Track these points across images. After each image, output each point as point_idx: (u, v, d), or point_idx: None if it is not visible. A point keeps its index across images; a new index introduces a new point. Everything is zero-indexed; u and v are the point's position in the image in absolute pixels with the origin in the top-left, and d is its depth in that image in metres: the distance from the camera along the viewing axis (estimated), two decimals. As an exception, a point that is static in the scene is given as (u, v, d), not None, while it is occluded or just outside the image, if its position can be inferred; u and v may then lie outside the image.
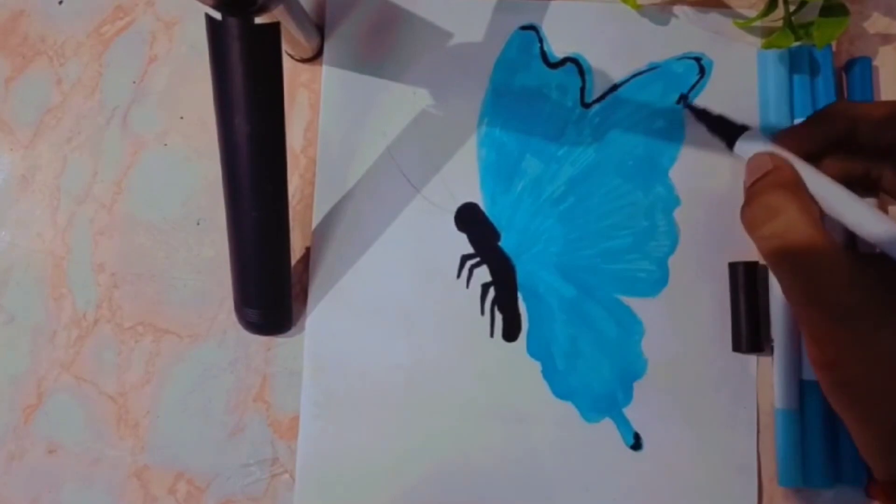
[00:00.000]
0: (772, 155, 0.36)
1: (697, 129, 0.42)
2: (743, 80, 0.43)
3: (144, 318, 0.44)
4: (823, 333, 0.32)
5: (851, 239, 0.38)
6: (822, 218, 0.34)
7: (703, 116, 0.40)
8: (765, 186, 0.35)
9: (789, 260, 0.33)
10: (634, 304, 0.42)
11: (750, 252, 0.41)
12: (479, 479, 0.42)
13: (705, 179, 0.42)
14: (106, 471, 0.44)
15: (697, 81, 0.43)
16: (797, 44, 0.41)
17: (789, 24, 0.40)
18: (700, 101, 0.43)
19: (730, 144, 0.39)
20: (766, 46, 0.41)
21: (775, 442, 0.41)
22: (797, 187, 0.34)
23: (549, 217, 0.43)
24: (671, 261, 0.42)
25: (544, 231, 0.43)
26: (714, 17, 0.43)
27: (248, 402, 0.43)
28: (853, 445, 0.33)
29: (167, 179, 0.45)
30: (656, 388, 0.42)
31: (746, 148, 0.38)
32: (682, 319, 0.42)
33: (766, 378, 0.42)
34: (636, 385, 0.42)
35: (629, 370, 0.42)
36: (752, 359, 0.41)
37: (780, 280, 0.34)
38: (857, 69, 0.42)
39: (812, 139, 0.37)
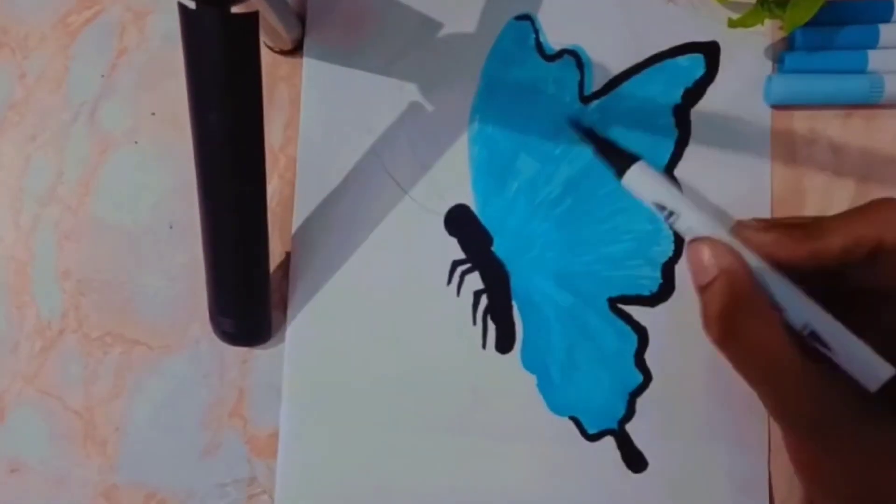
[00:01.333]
0: (713, 248, 0.33)
1: (705, 126, 0.42)
2: (752, 72, 0.42)
3: (113, 328, 0.44)
4: (796, 444, 0.33)
5: None
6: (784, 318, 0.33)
7: (590, 137, 0.38)
8: (718, 305, 0.33)
9: (755, 377, 0.33)
10: (636, 312, 0.42)
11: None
12: (471, 499, 0.41)
13: (712, 180, 0.42)
14: (72, 491, 0.43)
15: (703, 75, 0.42)
16: (766, 24, 0.41)
17: (763, 2, 0.40)
18: (707, 96, 0.42)
19: (618, 174, 0.36)
20: (733, 25, 0.40)
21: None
22: (752, 299, 0.33)
23: (545, 220, 0.42)
24: (676, 267, 0.42)
25: (540, 235, 0.42)
26: (720, 6, 0.42)
27: (223, 417, 0.43)
28: None
29: (137, 180, 0.44)
30: (660, 402, 0.41)
31: (637, 183, 0.35)
32: (687, 330, 0.41)
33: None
34: (638, 400, 0.41)
35: (630, 384, 0.41)
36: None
37: (753, 390, 0.34)
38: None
39: (795, 251, 0.34)
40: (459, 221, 0.43)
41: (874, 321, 0.33)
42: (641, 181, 0.35)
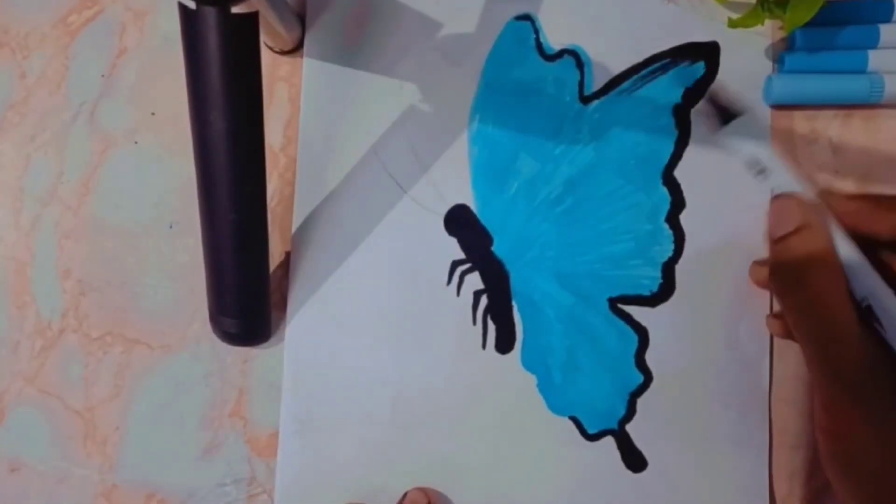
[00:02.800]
0: (799, 203, 0.35)
1: (704, 128, 0.42)
2: (752, 72, 0.42)
3: (113, 328, 0.44)
4: (837, 406, 0.33)
5: None
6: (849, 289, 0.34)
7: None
8: (794, 254, 0.35)
9: (813, 332, 0.34)
10: (637, 313, 0.42)
11: (761, 257, 0.41)
12: (470, 499, 0.42)
13: (713, 180, 0.42)
14: (72, 491, 0.44)
15: (703, 75, 0.42)
16: (766, 24, 0.41)
17: (763, 2, 0.40)
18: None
19: (721, 123, 0.38)
20: (733, 25, 0.41)
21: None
22: (828, 258, 0.34)
23: (545, 220, 0.43)
24: (676, 267, 0.42)
25: (540, 235, 0.43)
26: (720, 6, 0.43)
27: (223, 417, 0.43)
28: None
29: (138, 180, 0.45)
30: (660, 403, 0.41)
31: (737, 135, 0.38)
32: (689, 330, 0.42)
33: (780, 393, 0.41)
34: (639, 400, 0.41)
35: (631, 384, 0.42)
36: (764, 372, 0.41)
37: (802, 346, 0.35)
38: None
39: (877, 223, 0.35)
40: (459, 221, 0.43)
41: None
42: (739, 135, 0.38)
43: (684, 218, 0.42)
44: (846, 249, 0.34)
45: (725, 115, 0.38)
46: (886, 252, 0.35)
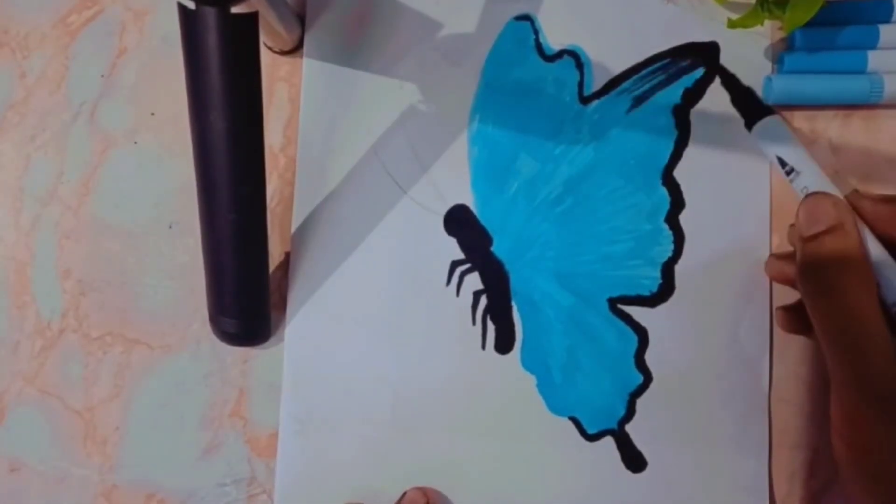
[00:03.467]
0: (834, 203, 0.35)
1: (705, 126, 0.42)
2: (752, 72, 0.42)
3: (113, 328, 0.44)
4: (861, 416, 0.33)
5: None
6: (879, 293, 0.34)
7: (731, 84, 0.41)
8: (825, 255, 0.34)
9: (842, 338, 0.33)
10: (637, 313, 0.42)
11: (761, 259, 0.41)
12: (470, 499, 0.42)
13: (713, 181, 0.42)
14: (72, 491, 0.44)
15: (704, 75, 0.42)
16: (765, 25, 0.41)
17: (762, 2, 0.40)
18: (707, 95, 0.42)
19: (748, 124, 0.39)
20: (733, 26, 0.41)
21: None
22: (860, 261, 0.34)
23: (545, 220, 0.43)
24: (676, 267, 0.42)
25: (540, 235, 0.43)
26: (720, 7, 0.43)
27: (223, 417, 0.43)
28: None
29: (137, 180, 0.45)
30: (660, 403, 0.41)
31: (765, 135, 0.38)
32: (688, 330, 0.42)
33: (780, 393, 0.41)
34: (639, 400, 0.42)
35: (631, 384, 0.42)
36: (764, 373, 0.41)
37: (827, 353, 0.34)
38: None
39: None
40: (459, 221, 0.43)
41: None
42: (771, 134, 0.38)
43: (684, 218, 0.42)
44: (877, 252, 0.34)
45: (755, 114, 0.39)
46: None
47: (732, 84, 0.41)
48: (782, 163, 0.38)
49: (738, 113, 0.41)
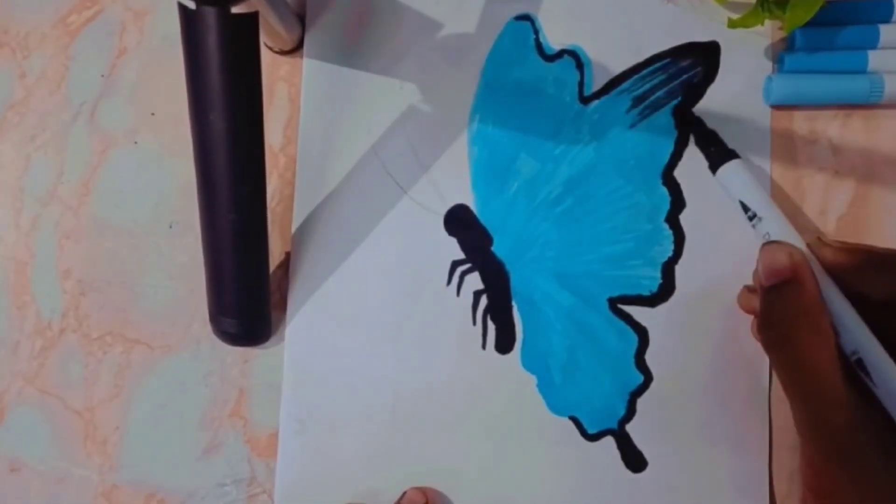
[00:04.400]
0: (791, 253, 0.35)
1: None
2: (752, 72, 0.42)
3: (113, 328, 0.44)
4: (821, 466, 0.33)
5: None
6: (837, 342, 0.34)
7: (696, 126, 0.41)
8: (782, 308, 0.34)
9: (799, 391, 0.33)
10: (637, 313, 0.42)
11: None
12: (470, 499, 0.42)
13: (713, 181, 0.42)
14: (72, 491, 0.44)
15: (703, 75, 0.42)
16: (765, 24, 0.41)
17: (763, 2, 0.40)
18: (707, 96, 0.42)
19: (712, 167, 0.39)
20: (733, 26, 0.41)
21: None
22: (816, 314, 0.33)
23: (545, 220, 0.43)
24: (676, 267, 0.42)
25: (540, 235, 0.43)
26: (720, 6, 0.43)
27: (223, 417, 0.43)
28: None
29: (138, 180, 0.45)
30: (660, 403, 0.41)
31: (729, 179, 0.38)
32: (688, 330, 0.42)
33: (780, 393, 0.41)
34: (639, 400, 0.42)
35: (631, 384, 0.42)
36: (764, 373, 0.41)
37: (790, 403, 0.34)
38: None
39: (870, 281, 0.35)
40: (459, 221, 0.43)
41: None
42: (734, 179, 0.38)
43: (684, 218, 0.42)
44: (837, 301, 0.34)
45: (719, 157, 0.39)
46: (877, 312, 0.34)
47: (697, 126, 0.41)
48: (745, 208, 0.38)
49: (703, 155, 0.41)
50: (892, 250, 0.35)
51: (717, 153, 0.40)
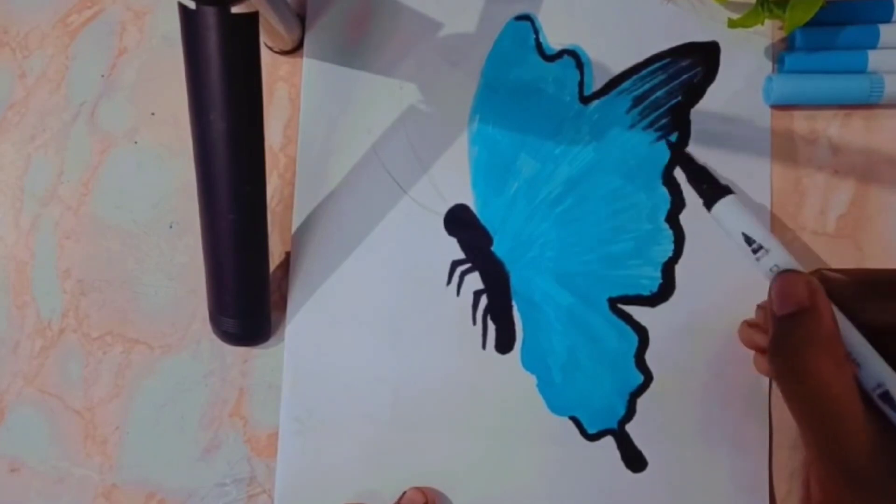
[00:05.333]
0: (807, 282, 0.34)
1: (705, 126, 0.42)
2: (752, 72, 0.42)
3: (113, 328, 0.44)
4: (836, 492, 0.32)
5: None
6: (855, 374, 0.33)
7: (685, 162, 0.40)
8: (797, 337, 0.33)
9: (816, 420, 0.33)
10: (637, 312, 0.42)
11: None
12: (470, 499, 0.42)
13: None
14: (72, 490, 0.44)
15: (703, 75, 0.42)
16: (765, 24, 0.41)
17: (763, 2, 0.40)
18: (707, 96, 0.42)
19: (707, 204, 0.38)
20: (733, 25, 0.41)
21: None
22: (834, 344, 0.33)
23: (545, 220, 0.43)
24: (676, 267, 0.42)
25: (540, 235, 0.43)
26: (720, 6, 0.43)
27: (223, 417, 0.43)
28: None
29: (138, 180, 0.45)
30: (660, 403, 0.41)
31: (726, 214, 0.37)
32: (688, 330, 0.42)
33: (780, 392, 0.41)
34: (639, 400, 0.41)
35: (631, 384, 0.42)
36: (763, 372, 0.41)
37: (802, 431, 0.34)
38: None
39: (878, 311, 0.34)
40: (459, 221, 0.43)
41: None
42: (732, 214, 0.37)
43: (684, 218, 0.42)
44: (852, 334, 0.33)
45: (712, 193, 0.38)
46: (882, 340, 0.34)
47: (687, 162, 0.40)
48: (749, 240, 0.37)
49: (695, 192, 0.40)
50: (892, 275, 0.35)
51: (711, 190, 0.38)
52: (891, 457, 0.32)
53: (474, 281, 0.43)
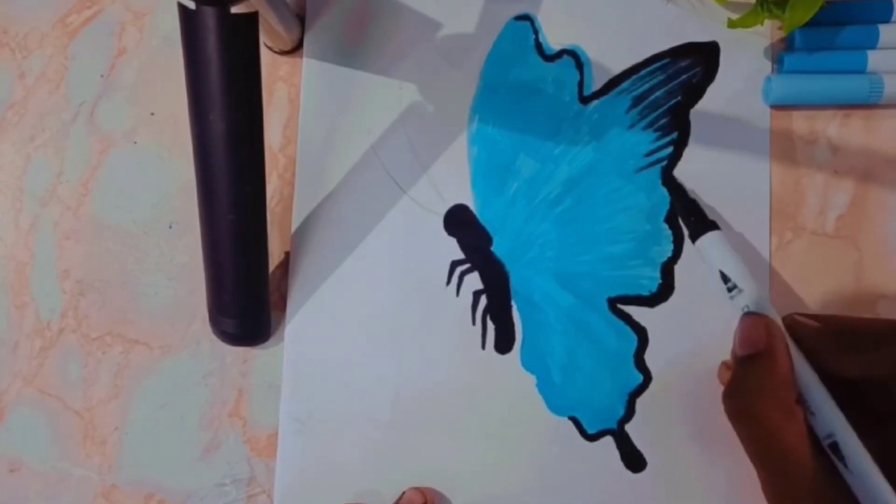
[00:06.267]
0: (768, 326, 0.35)
1: (705, 126, 0.42)
2: (752, 72, 0.42)
3: (113, 328, 0.44)
4: None
5: None
6: (806, 417, 0.34)
7: (677, 195, 0.41)
8: (751, 380, 0.34)
9: (765, 462, 0.33)
10: (636, 313, 0.42)
11: (761, 259, 0.41)
12: (470, 499, 0.42)
13: (712, 180, 0.42)
14: (72, 491, 0.44)
15: (703, 75, 0.42)
16: (765, 24, 0.41)
17: (763, 2, 0.40)
18: (707, 96, 0.42)
19: (692, 236, 0.39)
20: (733, 26, 0.41)
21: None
22: (785, 389, 0.33)
23: (544, 220, 0.43)
24: (675, 267, 0.42)
25: (539, 235, 0.43)
26: (720, 6, 0.43)
27: (223, 417, 0.43)
28: None
29: (137, 180, 0.45)
30: (660, 403, 0.41)
31: (709, 249, 0.38)
32: (688, 330, 0.42)
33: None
34: (638, 400, 0.41)
35: (630, 384, 0.42)
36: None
37: (756, 469, 0.34)
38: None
39: (843, 360, 0.35)
40: (459, 221, 0.43)
41: None
42: (713, 249, 0.38)
43: (684, 218, 0.42)
44: (811, 383, 0.34)
45: (698, 227, 0.39)
46: (850, 389, 0.34)
47: (678, 195, 0.41)
48: (725, 278, 0.38)
49: (682, 224, 0.41)
50: (864, 327, 0.35)
51: (697, 223, 0.39)
52: (838, 501, 0.32)
53: (474, 281, 0.43)
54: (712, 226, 0.39)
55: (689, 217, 0.40)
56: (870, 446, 0.32)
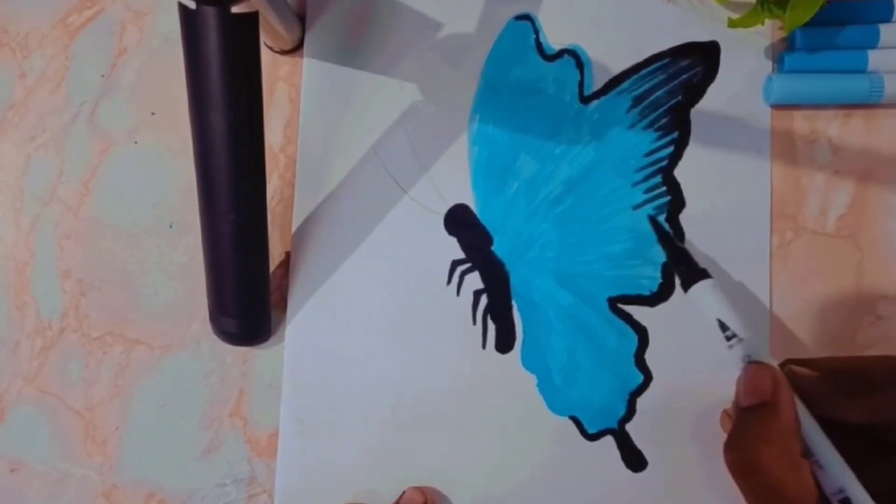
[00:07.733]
0: (773, 376, 0.34)
1: (705, 126, 0.42)
2: (752, 72, 0.42)
3: (113, 328, 0.44)
4: None
5: None
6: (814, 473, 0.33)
7: (666, 243, 0.40)
8: (753, 431, 0.33)
9: None
10: (636, 312, 0.42)
11: (761, 259, 0.41)
12: (470, 499, 0.42)
13: (713, 181, 0.42)
14: (72, 490, 0.44)
15: (703, 75, 0.42)
16: (765, 24, 0.41)
17: (763, 2, 0.40)
18: (707, 96, 0.42)
19: (684, 285, 0.38)
20: (733, 25, 0.41)
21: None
22: (790, 443, 0.33)
23: (545, 220, 0.43)
24: (675, 267, 0.42)
25: (540, 235, 0.43)
26: (720, 6, 0.43)
27: (223, 417, 0.43)
28: None
29: (138, 180, 0.45)
30: (660, 402, 0.41)
31: (703, 298, 0.37)
32: (688, 329, 0.42)
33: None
34: (639, 400, 0.41)
35: (631, 383, 0.42)
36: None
37: None
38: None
39: (842, 405, 0.34)
40: (459, 221, 0.43)
41: None
42: (707, 298, 0.37)
43: (684, 218, 0.42)
44: (817, 435, 0.33)
45: (690, 276, 0.38)
46: (849, 435, 0.34)
47: (667, 243, 0.40)
48: (723, 327, 0.36)
49: (675, 273, 0.40)
50: (865, 371, 0.35)
51: (689, 272, 0.38)
52: None
53: (474, 281, 0.43)
54: (704, 274, 0.38)
55: (681, 266, 0.39)
56: (877, 481, 0.32)
